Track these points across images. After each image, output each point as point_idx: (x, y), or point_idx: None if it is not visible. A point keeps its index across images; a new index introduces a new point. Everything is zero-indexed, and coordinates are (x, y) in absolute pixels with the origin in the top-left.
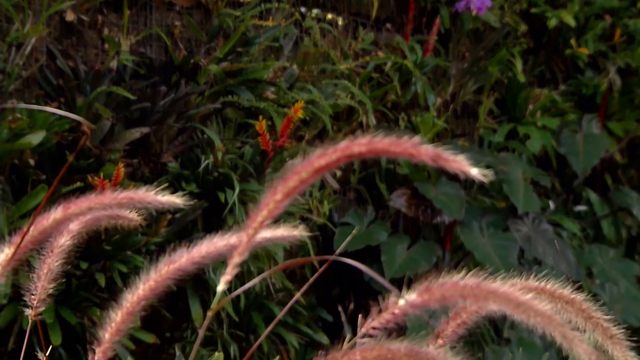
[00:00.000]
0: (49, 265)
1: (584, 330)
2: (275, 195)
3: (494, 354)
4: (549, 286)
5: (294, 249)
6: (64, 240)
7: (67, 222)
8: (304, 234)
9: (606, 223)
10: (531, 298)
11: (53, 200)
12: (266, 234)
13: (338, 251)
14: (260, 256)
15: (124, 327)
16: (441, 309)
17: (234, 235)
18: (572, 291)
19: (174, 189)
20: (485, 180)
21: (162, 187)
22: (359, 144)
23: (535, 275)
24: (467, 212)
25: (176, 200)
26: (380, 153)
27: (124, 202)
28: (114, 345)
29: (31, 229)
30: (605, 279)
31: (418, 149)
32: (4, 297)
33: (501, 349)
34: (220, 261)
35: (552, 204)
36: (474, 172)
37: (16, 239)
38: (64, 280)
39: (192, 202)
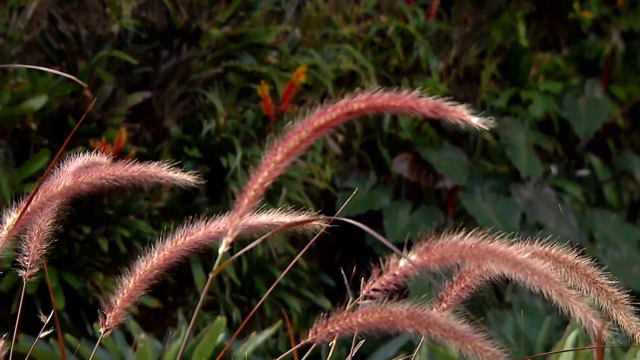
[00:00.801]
0: (40, 226)
1: (588, 295)
2: (276, 156)
3: (495, 318)
4: (553, 251)
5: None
6: (61, 199)
7: (77, 189)
8: (315, 223)
9: (608, 188)
10: (529, 257)
11: (56, 165)
12: (269, 218)
13: (338, 212)
14: None
15: (136, 293)
16: (444, 272)
17: (235, 204)
18: (576, 256)
19: (175, 154)
20: (485, 128)
21: (172, 163)
22: (359, 101)
23: (538, 240)
24: (469, 177)
25: (188, 178)
26: (380, 108)
27: (136, 176)
28: (125, 311)
29: (40, 194)
30: (607, 243)
31: (417, 101)
32: (7, 262)
33: (502, 314)
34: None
35: (554, 169)
36: (475, 120)
37: (23, 203)
38: (66, 244)
39: (204, 182)
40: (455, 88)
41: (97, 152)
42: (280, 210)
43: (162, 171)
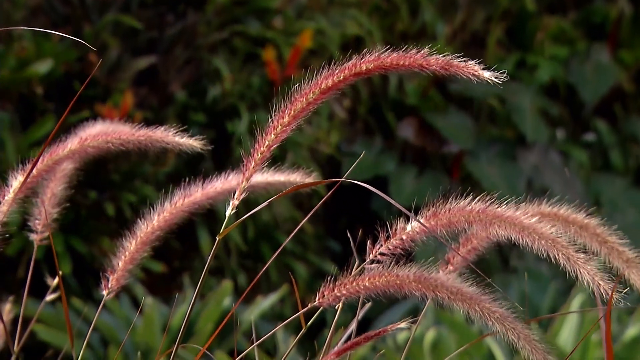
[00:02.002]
0: (52, 190)
1: (599, 255)
2: (283, 118)
3: (500, 283)
4: (562, 211)
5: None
6: (67, 165)
7: (83, 153)
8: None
9: (614, 152)
10: (536, 222)
11: (61, 130)
12: (278, 177)
13: (345, 176)
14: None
15: (138, 256)
16: (451, 236)
17: (242, 167)
18: (585, 216)
19: (181, 119)
20: (498, 82)
21: (178, 127)
22: (367, 61)
23: (545, 202)
24: (475, 142)
25: (194, 143)
26: (389, 68)
27: (142, 140)
28: (127, 274)
29: (46, 157)
30: (613, 208)
31: (428, 59)
32: (13, 226)
33: (508, 278)
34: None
35: (560, 134)
36: (487, 75)
37: (29, 166)
38: (72, 208)
39: (210, 147)
40: (461, 52)
41: (103, 118)
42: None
43: (169, 136)
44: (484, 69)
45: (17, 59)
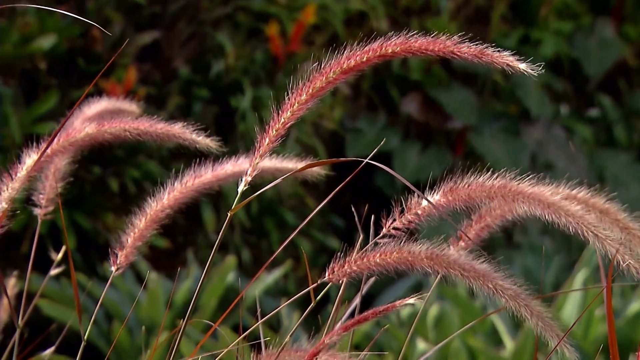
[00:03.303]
0: (56, 165)
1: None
2: (301, 96)
3: (504, 259)
4: (581, 194)
5: (305, 157)
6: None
7: (100, 138)
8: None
9: (618, 127)
10: (561, 199)
11: (64, 106)
12: (286, 164)
13: (349, 154)
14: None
15: (147, 233)
16: (458, 213)
17: (256, 143)
18: (606, 200)
19: (185, 94)
20: (534, 74)
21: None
22: (394, 44)
23: (548, 180)
24: (479, 118)
25: (211, 143)
26: (417, 52)
27: (160, 134)
28: (135, 251)
29: (62, 138)
30: (617, 183)
31: (459, 47)
32: (18, 201)
33: (511, 254)
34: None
35: (564, 109)
36: (522, 66)
37: (44, 145)
38: (76, 184)
39: (226, 149)
40: (465, 27)
41: (106, 93)
42: (291, 152)
43: (186, 133)
44: (518, 59)
45: (20, 34)
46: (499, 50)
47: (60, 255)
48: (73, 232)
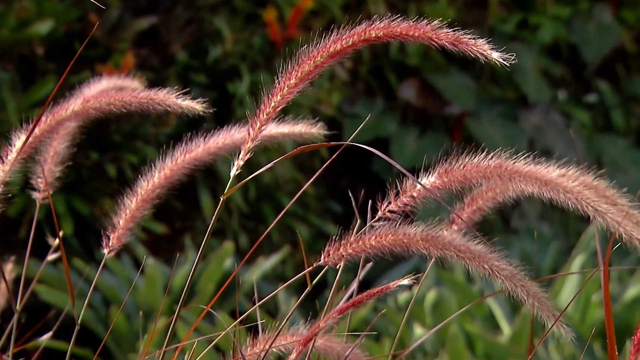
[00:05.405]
0: (55, 148)
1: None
2: (290, 80)
3: (502, 243)
4: (570, 172)
5: (303, 142)
6: (69, 123)
7: (85, 114)
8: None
9: (616, 113)
10: (558, 176)
11: (62, 90)
12: (281, 129)
13: (347, 138)
14: (270, 148)
15: (139, 214)
16: (451, 196)
17: (248, 127)
18: (595, 178)
19: (182, 79)
20: (505, 63)
21: (179, 89)
22: (377, 28)
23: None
24: (477, 103)
25: (195, 106)
26: (399, 37)
27: (144, 102)
28: (128, 232)
29: (49, 118)
30: (615, 168)
31: (438, 32)
32: (15, 185)
33: (509, 239)
34: (234, 152)
35: (562, 94)
36: (495, 55)
37: (31, 126)
38: (74, 169)
39: (211, 110)
40: (463, 12)
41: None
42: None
43: (170, 98)
44: (492, 48)
45: (17, 19)
46: (473, 39)
47: (57, 240)
48: (71, 218)
